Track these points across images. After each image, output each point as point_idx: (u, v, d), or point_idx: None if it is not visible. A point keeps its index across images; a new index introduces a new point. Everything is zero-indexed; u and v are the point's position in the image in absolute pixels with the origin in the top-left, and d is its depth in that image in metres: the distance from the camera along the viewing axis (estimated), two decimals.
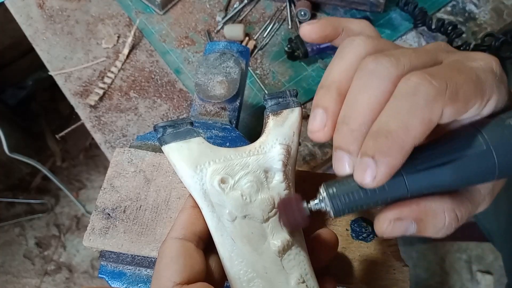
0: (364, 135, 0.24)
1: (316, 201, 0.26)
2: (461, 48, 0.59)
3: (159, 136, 0.29)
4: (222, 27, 0.64)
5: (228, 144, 0.42)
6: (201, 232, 0.28)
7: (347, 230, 0.37)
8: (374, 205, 0.25)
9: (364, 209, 0.25)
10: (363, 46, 0.26)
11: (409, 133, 0.22)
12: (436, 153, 0.24)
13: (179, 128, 0.29)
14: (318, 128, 0.26)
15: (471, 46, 0.59)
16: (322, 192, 0.25)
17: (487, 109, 0.24)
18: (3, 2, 0.68)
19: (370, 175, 0.22)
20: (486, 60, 0.25)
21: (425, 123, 0.22)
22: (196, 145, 0.29)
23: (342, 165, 0.24)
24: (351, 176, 0.24)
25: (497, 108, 0.25)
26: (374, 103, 0.24)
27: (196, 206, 0.29)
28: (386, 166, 0.22)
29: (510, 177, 0.25)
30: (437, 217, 0.24)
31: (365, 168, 0.22)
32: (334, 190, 0.25)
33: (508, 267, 0.65)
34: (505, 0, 0.64)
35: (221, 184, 0.28)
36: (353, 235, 0.37)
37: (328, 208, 0.25)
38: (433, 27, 0.60)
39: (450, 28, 0.59)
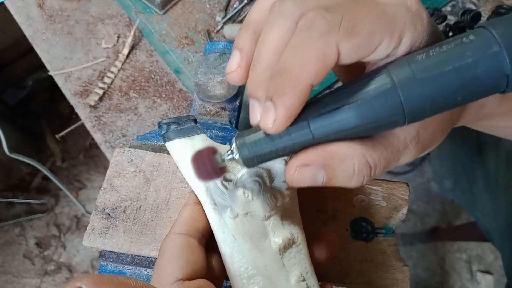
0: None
1: (228, 153, 0.25)
2: (444, 29, 0.59)
3: (163, 132, 0.29)
4: (222, 27, 0.64)
5: (228, 144, 0.42)
6: (203, 228, 0.28)
7: (346, 230, 0.37)
8: (283, 153, 0.24)
9: (274, 158, 0.24)
10: None
11: (303, 69, 0.21)
12: (340, 95, 0.23)
13: (183, 125, 0.29)
14: (233, 69, 0.25)
15: (451, 23, 0.59)
16: (233, 142, 0.25)
17: (402, 49, 0.22)
18: (3, 2, 0.68)
19: (271, 118, 0.21)
20: None
21: (320, 58, 0.21)
22: (200, 142, 0.29)
23: (253, 114, 0.24)
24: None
25: (413, 48, 0.23)
26: (277, 44, 0.23)
27: (198, 202, 0.29)
28: (283, 107, 0.21)
29: (422, 118, 0.23)
30: (345, 162, 0.23)
31: (266, 112, 0.21)
32: (243, 139, 0.24)
33: (507, 266, 0.65)
34: (505, 0, 0.64)
35: (224, 182, 0.28)
36: (353, 234, 0.37)
37: (240, 161, 0.24)
38: None
39: (433, 14, 0.59)
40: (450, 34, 0.58)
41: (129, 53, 0.63)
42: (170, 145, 0.29)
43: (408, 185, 0.39)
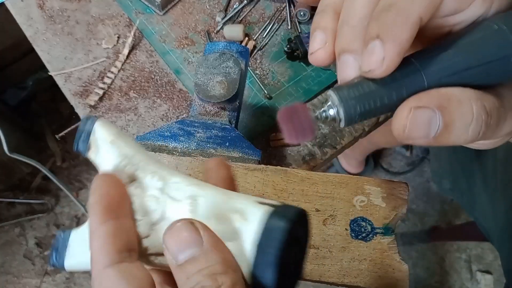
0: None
1: (324, 107, 0.22)
2: None
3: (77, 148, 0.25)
4: (221, 28, 0.64)
5: (227, 143, 0.42)
6: (126, 244, 0.23)
7: (346, 229, 0.37)
8: (390, 104, 0.22)
9: (378, 113, 0.22)
10: None
11: (412, 1, 0.20)
12: (446, 41, 0.22)
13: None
14: (318, 46, 0.24)
15: None
16: (332, 95, 0.22)
17: (492, 11, 0.22)
18: (3, 3, 0.68)
19: (378, 56, 0.20)
20: None
21: None
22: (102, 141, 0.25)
23: (346, 69, 0.22)
24: (359, 77, 0.22)
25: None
26: None
27: (111, 217, 0.23)
28: (394, 42, 0.19)
29: None
30: (463, 104, 0.20)
31: (371, 53, 0.20)
32: (345, 92, 0.21)
33: (506, 266, 0.65)
34: None
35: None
36: (353, 234, 0.37)
37: (340, 114, 0.22)
38: None
39: None
40: None
41: (129, 53, 0.63)
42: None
43: (407, 185, 0.39)
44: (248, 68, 0.60)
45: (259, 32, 0.64)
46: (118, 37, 0.65)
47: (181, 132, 0.43)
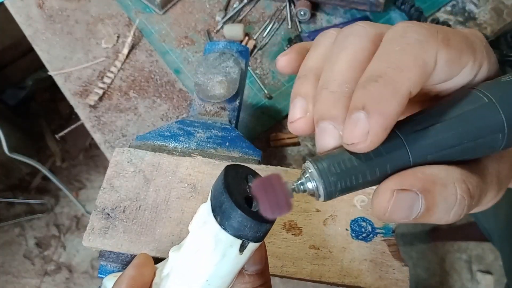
0: (348, 97, 0.20)
1: (302, 180, 0.21)
2: None
3: None
4: (221, 27, 0.64)
5: (227, 143, 0.42)
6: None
7: (346, 230, 0.37)
8: (372, 180, 0.20)
9: (359, 188, 0.21)
10: (336, 32, 0.24)
11: (402, 74, 0.19)
12: (432, 113, 0.21)
13: None
14: (299, 115, 0.22)
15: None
16: (311, 168, 0.20)
17: (480, 76, 0.22)
18: (2, 2, 0.68)
19: (362, 129, 0.18)
20: (473, 31, 0.23)
21: (419, 63, 0.19)
22: None
23: (326, 137, 0.21)
24: (340, 147, 0.20)
25: (489, 78, 0.23)
26: (353, 60, 0.21)
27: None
28: (379, 116, 0.18)
29: None
30: (447, 187, 0.20)
31: (355, 124, 0.19)
32: (325, 166, 0.20)
33: (507, 266, 0.65)
34: (505, 0, 0.64)
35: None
36: (353, 234, 0.37)
37: (320, 190, 0.20)
38: None
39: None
40: None
41: (129, 53, 0.63)
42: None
43: None
44: (248, 67, 0.60)
45: (259, 31, 0.64)
46: (118, 37, 0.65)
47: (181, 132, 0.43)
